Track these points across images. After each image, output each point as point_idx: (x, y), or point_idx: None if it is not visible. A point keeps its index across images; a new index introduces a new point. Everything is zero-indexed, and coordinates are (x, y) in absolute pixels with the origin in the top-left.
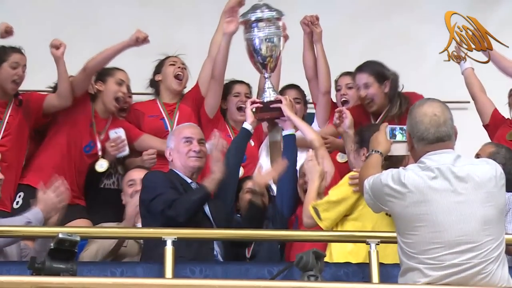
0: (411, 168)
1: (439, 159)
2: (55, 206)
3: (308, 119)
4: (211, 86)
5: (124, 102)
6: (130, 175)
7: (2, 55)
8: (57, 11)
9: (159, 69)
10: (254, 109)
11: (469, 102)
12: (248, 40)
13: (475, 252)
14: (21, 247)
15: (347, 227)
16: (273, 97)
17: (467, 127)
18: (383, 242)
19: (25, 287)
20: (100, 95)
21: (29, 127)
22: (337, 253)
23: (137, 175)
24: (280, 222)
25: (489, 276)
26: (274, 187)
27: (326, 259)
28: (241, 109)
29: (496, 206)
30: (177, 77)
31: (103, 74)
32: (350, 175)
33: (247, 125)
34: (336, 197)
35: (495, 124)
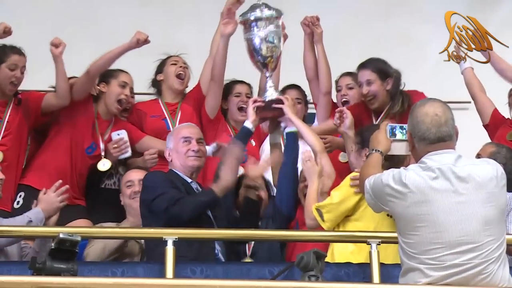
0: (412, 168)
1: (440, 159)
2: (56, 206)
3: (309, 119)
4: (210, 87)
5: (127, 103)
6: (128, 176)
7: (1, 55)
8: (57, 11)
9: (160, 69)
10: (255, 108)
11: (469, 102)
12: (248, 40)
13: (476, 252)
14: (21, 245)
15: (349, 228)
16: (275, 96)
17: (467, 127)
18: (384, 242)
19: (26, 287)
20: (103, 97)
21: (29, 126)
22: (339, 253)
23: (135, 176)
24: (280, 221)
25: (490, 277)
26: (274, 188)
27: (328, 259)
28: (242, 109)
29: (497, 206)
30: (179, 76)
31: (107, 75)
32: (352, 175)
33: (248, 124)
34: (338, 198)
35: (495, 124)
